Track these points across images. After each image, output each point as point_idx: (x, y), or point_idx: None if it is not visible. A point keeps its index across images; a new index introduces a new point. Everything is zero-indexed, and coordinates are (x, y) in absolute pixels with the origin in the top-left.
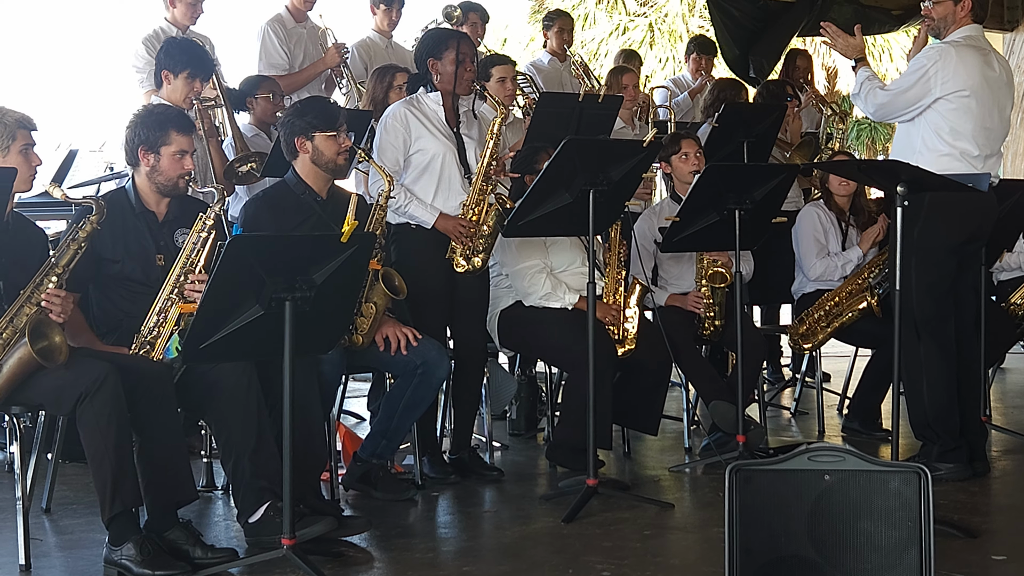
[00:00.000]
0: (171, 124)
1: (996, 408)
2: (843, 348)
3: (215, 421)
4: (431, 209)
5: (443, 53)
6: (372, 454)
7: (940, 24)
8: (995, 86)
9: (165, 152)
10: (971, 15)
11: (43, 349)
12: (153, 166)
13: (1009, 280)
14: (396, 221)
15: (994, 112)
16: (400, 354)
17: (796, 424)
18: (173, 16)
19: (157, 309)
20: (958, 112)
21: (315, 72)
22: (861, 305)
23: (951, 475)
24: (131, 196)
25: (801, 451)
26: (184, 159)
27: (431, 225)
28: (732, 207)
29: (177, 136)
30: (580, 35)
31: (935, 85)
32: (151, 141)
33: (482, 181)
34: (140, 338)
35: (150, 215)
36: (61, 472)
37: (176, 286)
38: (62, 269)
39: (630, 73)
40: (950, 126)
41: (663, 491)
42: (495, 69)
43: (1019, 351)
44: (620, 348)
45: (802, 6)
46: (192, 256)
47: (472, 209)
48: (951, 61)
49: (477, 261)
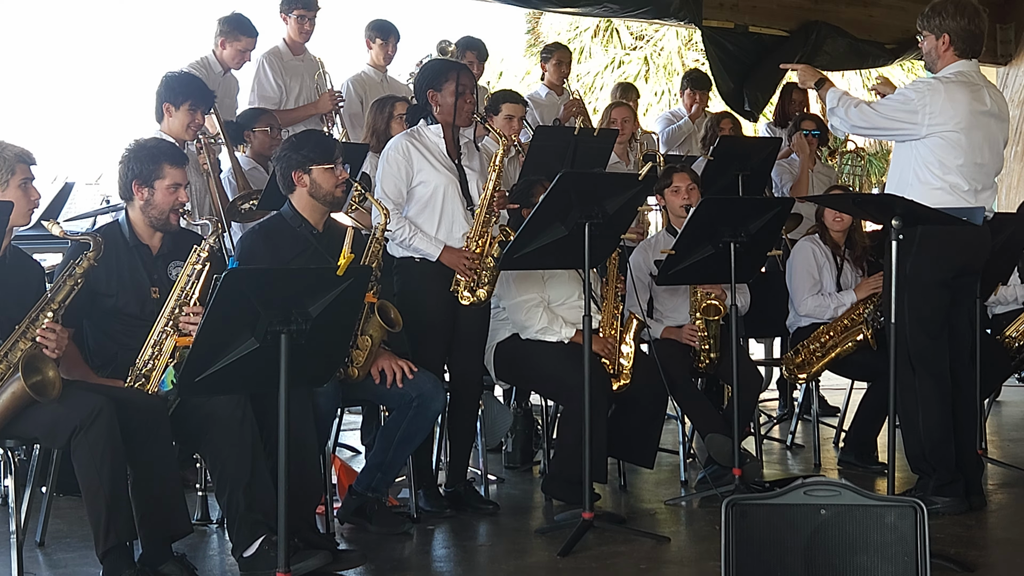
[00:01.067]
0: (164, 158)
1: (992, 441)
2: (839, 381)
3: (210, 454)
4: (436, 242)
5: (443, 85)
6: (368, 487)
7: (928, 59)
8: (985, 122)
9: (159, 186)
10: (955, 51)
11: (36, 384)
12: (147, 200)
13: (1004, 313)
14: (400, 254)
15: (984, 148)
16: (396, 387)
17: (792, 457)
18: (221, 55)
19: (152, 342)
20: (947, 148)
21: (307, 114)
22: (857, 337)
23: (948, 509)
24: (125, 230)
25: (797, 485)
26: (178, 192)
27: (436, 258)
28: (727, 240)
29: (171, 169)
30: (576, 68)
31: (923, 121)
32: (145, 175)
33: (485, 213)
34: (135, 371)
35: (144, 249)
36: (55, 505)
37: (171, 319)
38: (58, 305)
39: (622, 107)
40: (939, 161)
41: (659, 524)
42: (505, 106)
43: (1015, 384)
44: (615, 382)
45: (796, 40)
46: (187, 289)
47: (475, 241)
48: (939, 98)
49: (482, 293)
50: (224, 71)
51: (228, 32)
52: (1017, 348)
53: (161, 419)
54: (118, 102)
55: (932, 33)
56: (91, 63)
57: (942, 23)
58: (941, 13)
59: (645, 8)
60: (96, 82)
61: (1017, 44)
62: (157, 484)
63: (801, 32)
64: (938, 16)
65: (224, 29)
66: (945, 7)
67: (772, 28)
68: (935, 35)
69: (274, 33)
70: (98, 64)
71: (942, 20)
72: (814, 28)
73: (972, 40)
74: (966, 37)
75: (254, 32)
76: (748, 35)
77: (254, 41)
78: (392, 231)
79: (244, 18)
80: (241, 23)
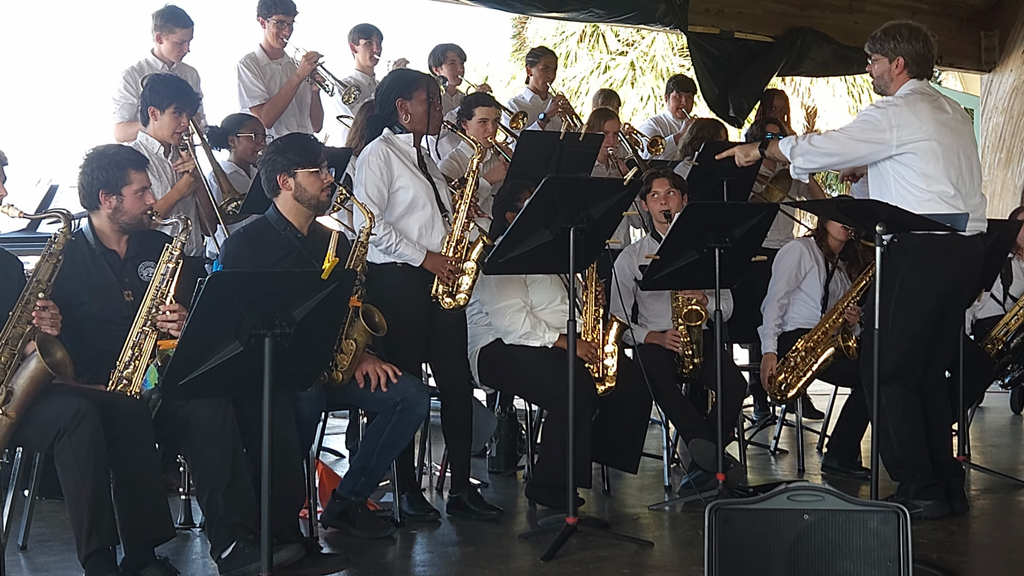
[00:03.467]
0: (128, 164)
1: (975, 447)
2: (823, 386)
3: (190, 455)
4: (419, 248)
5: (413, 93)
6: (351, 492)
7: (879, 82)
8: (952, 128)
9: (127, 192)
10: (908, 72)
11: (52, 363)
12: (116, 207)
13: (987, 319)
14: (381, 260)
15: (960, 153)
16: (379, 391)
17: (776, 462)
18: (160, 51)
19: (131, 343)
20: (924, 159)
21: (292, 88)
22: (830, 351)
23: (930, 512)
24: (89, 238)
25: (780, 490)
26: (145, 195)
27: (419, 264)
28: (712, 245)
29: (135, 174)
30: (562, 73)
31: (892, 138)
32: (111, 183)
33: (464, 218)
34: (116, 373)
35: (111, 254)
36: (38, 509)
37: (148, 318)
38: (45, 284)
39: (612, 120)
40: (921, 174)
41: (643, 529)
42: (479, 110)
43: (998, 391)
44: (600, 386)
45: (781, 46)
46: (162, 287)
47: (454, 247)
48: (903, 113)
49: (462, 298)
50: (168, 66)
51: (162, 26)
52: (998, 353)
53: (144, 423)
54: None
55: (885, 56)
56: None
57: (896, 46)
58: (895, 36)
59: (631, 13)
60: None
61: (1001, 51)
62: (140, 488)
63: (786, 38)
64: (892, 40)
65: (158, 23)
66: (899, 30)
67: (758, 34)
68: (888, 58)
69: (250, 38)
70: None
71: (896, 43)
72: (799, 34)
73: (924, 63)
74: (919, 60)
75: (188, 23)
76: (734, 41)
77: (190, 31)
78: (378, 237)
79: (177, 9)
80: (174, 15)
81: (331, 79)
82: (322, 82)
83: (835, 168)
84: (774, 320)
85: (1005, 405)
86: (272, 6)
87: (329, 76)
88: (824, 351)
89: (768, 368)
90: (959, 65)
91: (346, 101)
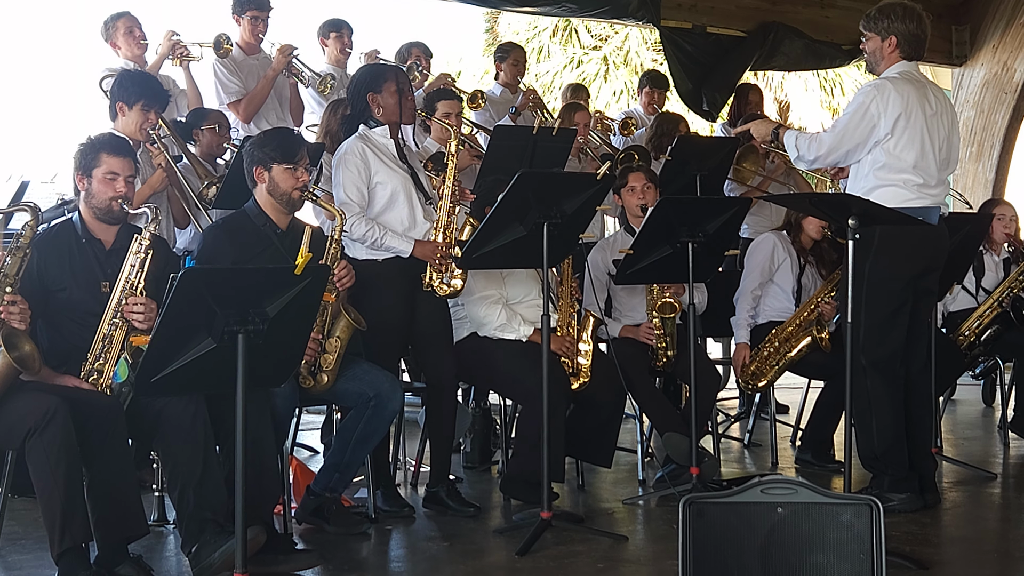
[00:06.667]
0: (103, 148)
1: (947, 440)
2: (796, 380)
3: (162, 450)
4: (406, 239)
5: (382, 85)
6: (325, 487)
7: (871, 59)
8: (933, 117)
9: (96, 174)
10: (900, 51)
11: (18, 358)
12: (87, 190)
13: (958, 311)
14: (363, 256)
15: (935, 141)
16: (353, 386)
17: (749, 455)
18: (125, 56)
19: (102, 336)
20: (900, 142)
21: (269, 81)
22: (806, 340)
23: (903, 506)
24: (77, 226)
25: (754, 484)
26: (116, 181)
27: (409, 254)
28: (685, 240)
29: (108, 158)
30: (535, 68)
31: (880, 120)
32: (85, 166)
33: (449, 202)
34: (88, 365)
35: (96, 243)
36: (10, 507)
37: (118, 310)
38: (12, 279)
39: (583, 111)
40: (892, 159)
41: (617, 524)
42: (441, 104)
43: (970, 383)
44: (574, 381)
45: (754, 41)
46: (132, 279)
47: (442, 232)
48: (889, 94)
49: (457, 283)
50: (140, 66)
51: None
52: (969, 345)
53: (117, 420)
54: (73, 101)
55: (878, 35)
56: (46, 61)
57: (890, 25)
58: (889, 16)
59: (604, 8)
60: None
61: (972, 46)
62: (113, 485)
63: (758, 33)
64: (886, 19)
65: (110, 32)
66: (893, 9)
67: (730, 29)
68: (881, 37)
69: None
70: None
71: (890, 23)
72: (771, 29)
73: (917, 43)
74: (912, 40)
75: (124, 12)
76: (706, 36)
77: (128, 16)
78: (362, 233)
79: (116, 13)
80: (118, 14)
81: (307, 71)
82: (298, 74)
83: (839, 165)
84: (747, 311)
85: (977, 398)
86: (246, 2)
87: (305, 68)
88: (799, 342)
89: (740, 358)
90: (930, 59)
91: (321, 91)
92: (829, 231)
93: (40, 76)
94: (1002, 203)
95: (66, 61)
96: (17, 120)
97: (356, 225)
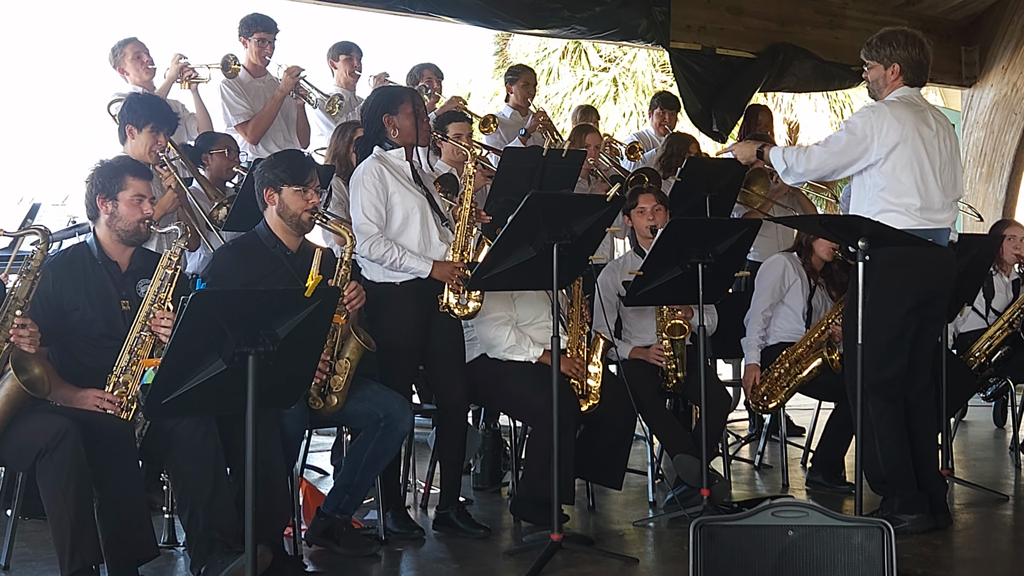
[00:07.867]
0: (127, 171)
1: (958, 461)
2: (807, 401)
3: (172, 471)
4: (424, 259)
5: (399, 107)
6: (335, 509)
7: (874, 87)
8: (932, 141)
9: (123, 198)
10: (903, 79)
11: (27, 381)
12: (112, 213)
13: (969, 332)
14: (381, 279)
15: (936, 163)
16: (363, 407)
17: (760, 477)
18: (134, 81)
19: (129, 347)
20: (898, 167)
21: (276, 103)
22: (817, 362)
23: (915, 526)
24: (93, 248)
25: (765, 506)
26: (143, 203)
27: (427, 275)
28: (695, 261)
29: (133, 181)
30: (544, 89)
31: (873, 145)
32: (108, 189)
33: (466, 223)
34: (114, 377)
35: (112, 265)
36: (20, 528)
37: (146, 322)
38: (23, 301)
39: (593, 133)
40: (892, 182)
41: (627, 546)
42: (452, 126)
43: (982, 404)
44: (584, 403)
45: (763, 62)
46: (159, 293)
47: (460, 253)
48: (885, 118)
49: (474, 305)
50: (148, 90)
51: (119, 52)
52: (980, 367)
53: (127, 442)
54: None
55: (880, 63)
56: (57, 84)
57: (892, 53)
58: (892, 43)
59: (613, 30)
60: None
61: (981, 66)
62: (123, 507)
63: (768, 54)
64: (888, 46)
65: (118, 58)
66: (895, 37)
67: (739, 50)
68: (884, 64)
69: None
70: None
71: (892, 50)
72: (781, 50)
73: (920, 69)
74: (915, 66)
75: (132, 38)
76: (715, 57)
77: (135, 42)
78: (381, 254)
79: (124, 39)
80: (126, 40)
81: (315, 92)
82: (306, 95)
83: (825, 179)
84: (757, 332)
85: (988, 419)
86: (253, 24)
87: (313, 89)
88: (810, 363)
89: (751, 379)
90: (940, 80)
91: (330, 112)
92: (840, 253)
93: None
94: (1012, 224)
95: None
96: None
97: (375, 246)
